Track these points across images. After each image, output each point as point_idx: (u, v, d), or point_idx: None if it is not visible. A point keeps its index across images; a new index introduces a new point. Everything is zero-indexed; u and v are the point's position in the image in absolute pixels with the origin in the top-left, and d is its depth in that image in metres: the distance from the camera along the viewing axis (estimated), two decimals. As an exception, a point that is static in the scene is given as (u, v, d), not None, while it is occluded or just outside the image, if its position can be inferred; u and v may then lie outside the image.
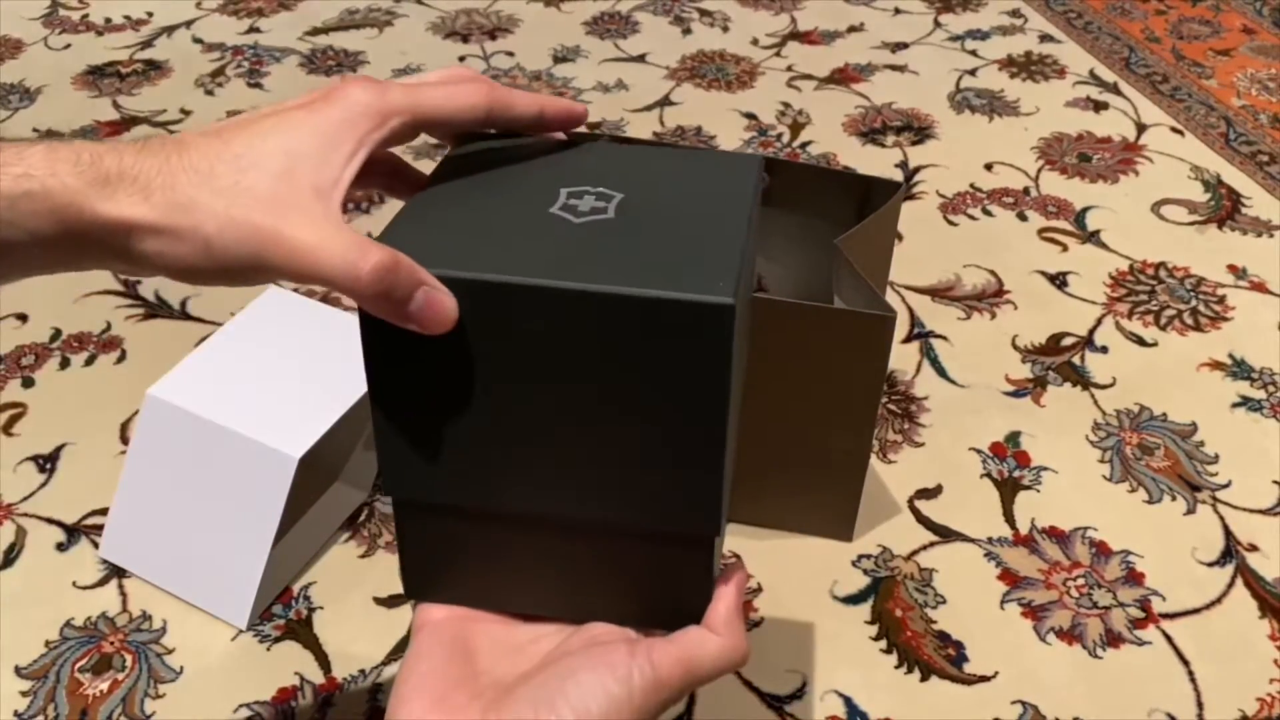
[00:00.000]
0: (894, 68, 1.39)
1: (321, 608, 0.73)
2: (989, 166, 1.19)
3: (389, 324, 0.37)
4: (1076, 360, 0.93)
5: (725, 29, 1.49)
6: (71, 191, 0.36)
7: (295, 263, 0.36)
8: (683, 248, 0.38)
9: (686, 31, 1.48)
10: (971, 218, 1.11)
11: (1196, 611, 0.73)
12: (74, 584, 0.74)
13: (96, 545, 0.76)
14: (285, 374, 0.72)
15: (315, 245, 0.36)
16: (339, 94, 0.40)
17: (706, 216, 0.40)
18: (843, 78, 1.37)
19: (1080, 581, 0.75)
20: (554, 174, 0.43)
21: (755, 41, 1.45)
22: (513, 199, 0.41)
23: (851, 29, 1.49)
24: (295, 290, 0.96)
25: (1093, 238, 1.08)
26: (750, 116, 1.28)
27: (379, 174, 0.47)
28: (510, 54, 1.42)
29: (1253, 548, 0.77)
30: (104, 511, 0.77)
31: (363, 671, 0.69)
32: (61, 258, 0.38)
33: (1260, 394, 0.90)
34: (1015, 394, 0.90)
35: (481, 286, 0.37)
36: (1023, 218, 1.11)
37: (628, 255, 0.38)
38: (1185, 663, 0.70)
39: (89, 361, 0.93)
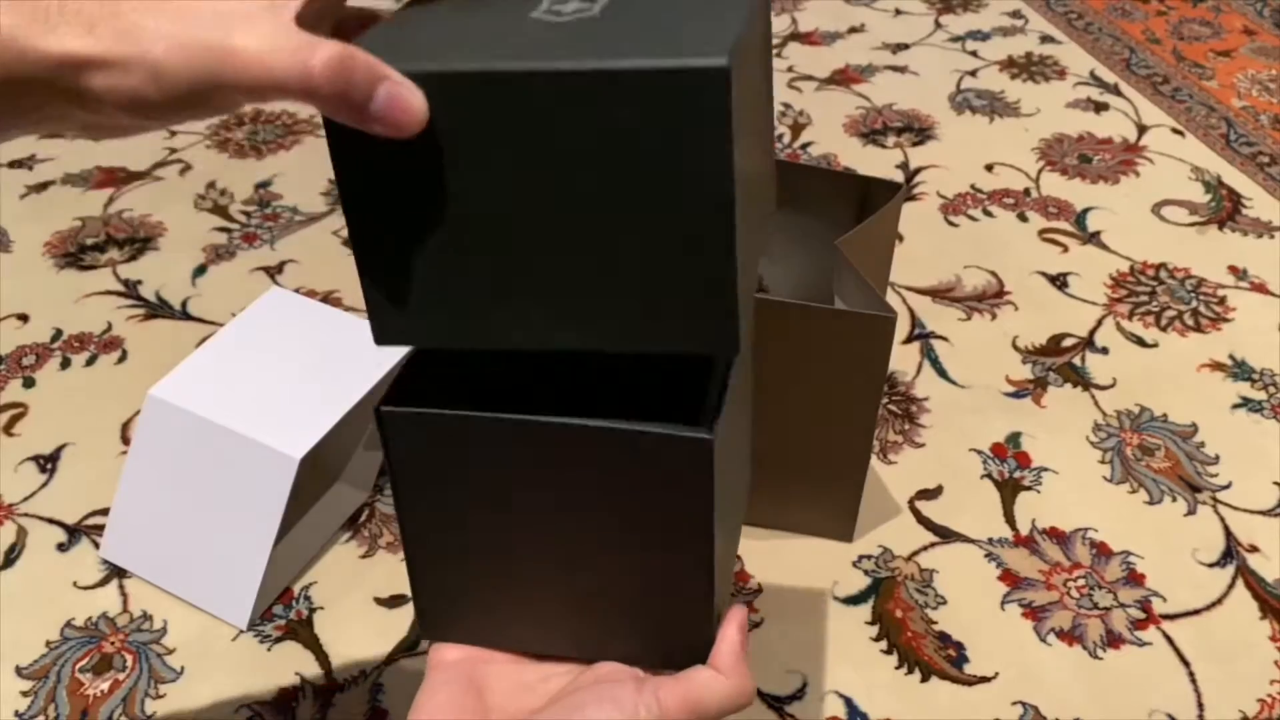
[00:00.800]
0: (895, 68, 1.39)
1: (322, 608, 0.73)
2: (989, 167, 1.19)
3: (358, 136, 0.34)
4: (1077, 361, 0.94)
5: (726, 30, 1.49)
6: (9, 28, 0.34)
7: (247, 74, 0.34)
8: (673, 31, 0.35)
9: (687, 32, 1.48)
10: (972, 218, 1.11)
11: (1197, 612, 0.73)
12: (75, 584, 0.74)
13: (97, 545, 0.77)
14: (286, 375, 0.72)
15: (265, 51, 0.34)
16: None
17: (701, 9, 0.37)
18: (843, 78, 1.37)
19: (1081, 582, 0.75)
20: None
21: (756, 42, 1.45)
22: (492, 6, 0.39)
23: (852, 30, 1.49)
24: (296, 291, 0.97)
25: (1093, 239, 1.08)
26: (751, 117, 1.28)
27: (359, 30, 0.43)
28: (511, 55, 1.42)
29: (1253, 549, 0.77)
30: (105, 511, 0.78)
31: (363, 672, 0.69)
32: (9, 104, 0.36)
33: (1261, 395, 0.90)
34: (1016, 395, 0.90)
35: (453, 79, 0.34)
36: (1023, 219, 1.11)
37: (611, 40, 0.35)
38: (1186, 664, 0.70)
39: (90, 362, 0.93)
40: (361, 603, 0.73)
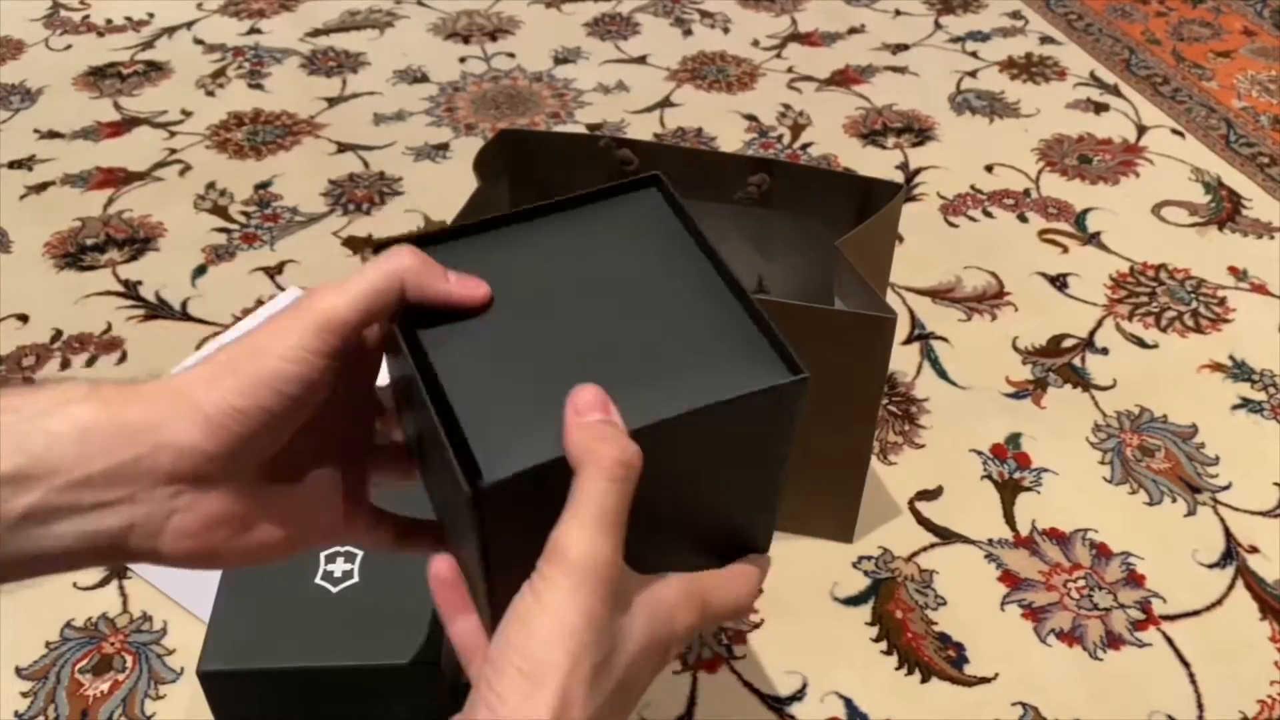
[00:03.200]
0: (895, 69, 1.39)
1: (322, 609, 0.73)
2: (989, 168, 1.19)
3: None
4: (1077, 362, 0.94)
5: (726, 30, 1.49)
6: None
7: None
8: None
9: (687, 33, 1.48)
10: (972, 219, 1.11)
11: (1197, 613, 0.73)
12: (74, 585, 0.74)
13: (97, 546, 0.76)
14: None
15: None
16: None
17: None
18: (843, 79, 1.37)
19: (1081, 583, 0.75)
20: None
21: (756, 43, 1.45)
22: (285, 574, 0.59)
23: (852, 30, 1.49)
24: (304, 289, 0.96)
25: (1093, 239, 1.08)
26: (751, 118, 1.28)
27: None
28: (511, 55, 1.42)
29: (1253, 549, 0.77)
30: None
31: (363, 672, 0.69)
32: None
33: (1261, 396, 0.90)
34: (1016, 395, 0.90)
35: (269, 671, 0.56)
36: (1023, 219, 1.11)
37: (361, 636, 0.57)
38: (1186, 664, 0.70)
39: (90, 362, 0.93)
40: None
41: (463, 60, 1.41)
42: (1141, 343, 0.96)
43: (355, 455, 0.44)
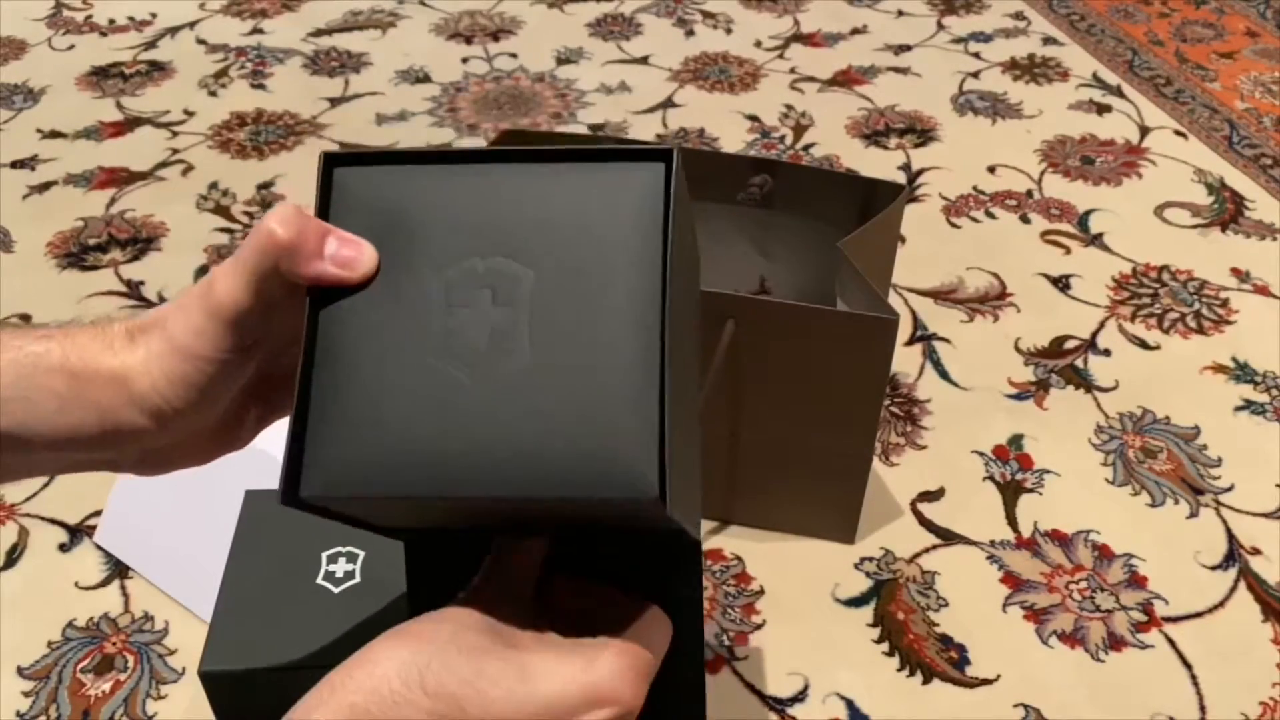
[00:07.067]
0: (897, 70, 1.39)
1: (323, 609, 0.73)
2: (992, 169, 1.19)
3: None
4: (1079, 363, 0.93)
5: (728, 31, 1.49)
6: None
7: None
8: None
9: (689, 33, 1.48)
10: (974, 220, 1.11)
11: (1199, 615, 0.73)
12: (76, 584, 0.74)
13: (99, 545, 0.76)
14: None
15: None
16: None
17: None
18: (846, 80, 1.37)
19: (1083, 585, 0.75)
20: (315, 543, 0.60)
21: (758, 44, 1.45)
22: (290, 573, 0.59)
23: (854, 31, 1.49)
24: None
25: (1095, 240, 1.08)
26: (753, 119, 1.28)
27: None
28: (513, 55, 1.42)
29: (1255, 551, 0.77)
30: (106, 512, 0.78)
31: (364, 673, 0.69)
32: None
33: (1263, 397, 0.90)
34: (1018, 397, 0.90)
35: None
36: (1025, 220, 1.11)
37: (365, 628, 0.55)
38: (1188, 666, 0.70)
39: (92, 362, 0.93)
40: (363, 604, 0.73)
41: (465, 60, 1.41)
42: (1144, 344, 0.96)
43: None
